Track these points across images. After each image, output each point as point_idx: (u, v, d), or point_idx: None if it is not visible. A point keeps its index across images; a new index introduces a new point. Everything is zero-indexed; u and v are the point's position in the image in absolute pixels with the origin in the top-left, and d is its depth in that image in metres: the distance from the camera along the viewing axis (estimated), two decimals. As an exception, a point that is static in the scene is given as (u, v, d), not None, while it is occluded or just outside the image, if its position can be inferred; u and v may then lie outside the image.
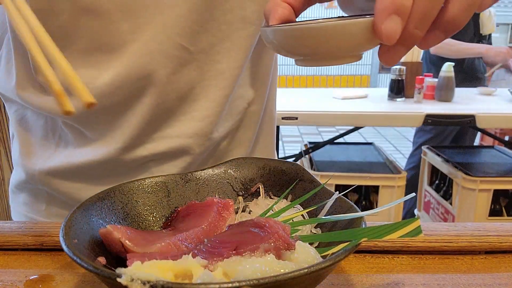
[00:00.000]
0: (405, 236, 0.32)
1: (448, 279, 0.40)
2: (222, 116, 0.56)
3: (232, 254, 0.31)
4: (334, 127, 4.15)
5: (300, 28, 0.32)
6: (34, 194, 0.60)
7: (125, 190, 0.42)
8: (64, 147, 0.57)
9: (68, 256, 0.30)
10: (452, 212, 2.08)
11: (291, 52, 0.35)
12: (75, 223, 0.34)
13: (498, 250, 0.45)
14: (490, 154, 2.34)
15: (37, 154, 0.58)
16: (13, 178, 0.63)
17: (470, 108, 2.01)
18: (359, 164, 2.22)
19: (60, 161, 0.56)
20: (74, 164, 0.55)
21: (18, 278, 0.40)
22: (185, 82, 0.52)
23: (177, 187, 0.46)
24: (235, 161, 0.49)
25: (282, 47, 0.35)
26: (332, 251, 0.34)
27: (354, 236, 0.34)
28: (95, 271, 0.28)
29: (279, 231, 0.33)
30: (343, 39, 0.31)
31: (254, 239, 0.33)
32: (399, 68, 2.19)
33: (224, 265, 0.30)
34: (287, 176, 0.47)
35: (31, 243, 0.45)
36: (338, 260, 0.29)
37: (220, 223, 0.40)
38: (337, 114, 1.98)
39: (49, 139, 0.57)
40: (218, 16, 0.50)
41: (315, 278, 0.30)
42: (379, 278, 0.41)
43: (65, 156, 0.56)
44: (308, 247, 0.33)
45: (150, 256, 0.32)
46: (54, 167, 0.56)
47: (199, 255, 0.32)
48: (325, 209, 0.41)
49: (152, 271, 0.29)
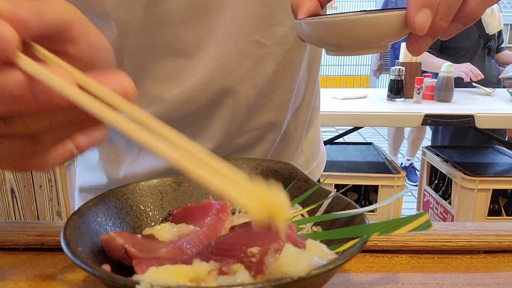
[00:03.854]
0: (415, 230, 0.33)
1: (447, 278, 0.41)
2: (292, 101, 0.58)
3: (246, 256, 0.30)
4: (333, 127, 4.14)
5: (336, 21, 0.35)
6: None
7: (119, 194, 0.41)
8: (147, 151, 0.57)
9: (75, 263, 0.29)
10: (451, 212, 2.08)
11: (325, 42, 0.37)
12: (75, 231, 0.34)
13: (497, 250, 0.45)
14: (489, 154, 2.34)
15: (121, 159, 0.58)
16: (83, 180, 0.64)
17: (469, 108, 2.01)
18: (359, 164, 2.22)
19: (145, 164, 0.56)
20: (160, 168, 0.55)
21: (19, 278, 0.40)
22: (262, 76, 0.53)
23: (170, 190, 0.45)
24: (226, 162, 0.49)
25: (317, 38, 0.37)
26: (343, 248, 0.33)
27: (363, 232, 0.34)
28: (112, 280, 0.27)
29: (287, 230, 0.32)
30: (377, 30, 0.34)
31: (263, 240, 0.32)
32: (398, 69, 2.20)
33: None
34: (280, 176, 0.47)
35: (32, 243, 0.45)
36: (354, 255, 0.30)
37: (219, 225, 0.40)
38: (337, 114, 1.98)
39: (131, 143, 0.58)
40: (288, 4, 0.51)
41: (332, 274, 0.30)
42: (379, 277, 0.41)
43: (151, 159, 0.56)
44: (320, 244, 0.32)
45: (157, 261, 0.31)
46: (140, 170, 0.56)
47: (212, 259, 0.31)
48: (323, 207, 0.41)
49: (168, 277, 0.28)
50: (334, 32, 0.35)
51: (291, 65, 0.54)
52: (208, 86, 0.51)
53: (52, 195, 1.62)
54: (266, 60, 0.52)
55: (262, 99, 0.55)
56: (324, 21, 0.35)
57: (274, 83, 0.54)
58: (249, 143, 0.57)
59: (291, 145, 0.63)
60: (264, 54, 0.51)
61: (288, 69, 0.54)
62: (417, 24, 0.32)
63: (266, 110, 0.56)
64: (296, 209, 0.44)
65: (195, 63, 0.50)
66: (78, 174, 0.66)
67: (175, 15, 0.47)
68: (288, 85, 0.56)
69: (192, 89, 0.50)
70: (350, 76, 6.36)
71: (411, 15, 0.33)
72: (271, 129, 0.57)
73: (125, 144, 0.58)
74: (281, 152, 0.62)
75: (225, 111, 0.53)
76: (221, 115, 0.53)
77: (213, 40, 0.49)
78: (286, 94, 0.56)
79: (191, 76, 0.50)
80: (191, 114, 0.53)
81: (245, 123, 0.55)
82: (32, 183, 1.60)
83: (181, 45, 0.49)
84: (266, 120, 0.56)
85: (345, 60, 6.22)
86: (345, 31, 0.35)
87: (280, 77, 0.54)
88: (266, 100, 0.55)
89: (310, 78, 0.61)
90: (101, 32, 0.30)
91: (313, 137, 0.68)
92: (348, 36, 0.35)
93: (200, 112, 0.53)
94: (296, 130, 0.62)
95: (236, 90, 0.52)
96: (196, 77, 0.50)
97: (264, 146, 0.59)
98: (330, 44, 0.37)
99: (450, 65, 2.20)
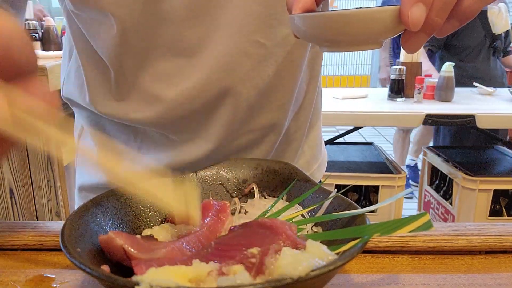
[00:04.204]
0: (416, 231, 0.33)
1: (448, 279, 0.40)
2: (293, 102, 0.57)
3: (246, 257, 0.30)
4: (334, 127, 4.14)
5: (330, 16, 0.34)
6: None
7: (118, 195, 0.41)
8: (147, 149, 0.57)
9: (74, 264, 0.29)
10: (452, 212, 2.08)
11: (319, 38, 0.37)
12: (73, 231, 0.33)
13: (498, 250, 0.45)
14: (490, 154, 2.34)
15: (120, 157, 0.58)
16: (83, 180, 0.64)
17: (470, 108, 2.01)
18: (359, 164, 2.22)
19: (146, 163, 0.56)
20: (162, 166, 0.55)
21: (18, 278, 0.40)
22: (262, 77, 0.52)
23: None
24: (226, 162, 0.48)
25: (311, 34, 0.37)
26: (343, 248, 0.33)
27: (363, 232, 0.34)
28: (111, 281, 0.27)
29: (287, 231, 0.32)
30: (371, 25, 0.34)
31: (263, 240, 0.32)
32: (399, 68, 2.19)
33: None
34: (280, 176, 0.47)
35: (31, 243, 0.45)
36: (355, 255, 0.29)
37: (219, 225, 0.39)
38: (337, 114, 1.98)
39: (130, 142, 0.58)
40: None
41: (332, 275, 0.30)
42: (379, 278, 0.40)
43: (150, 159, 0.56)
44: (320, 245, 0.32)
45: (157, 262, 0.31)
46: (141, 170, 0.56)
47: (212, 259, 0.31)
48: (323, 208, 0.41)
49: (168, 277, 0.28)
50: (327, 27, 0.35)
51: (292, 66, 0.54)
52: (209, 86, 0.50)
53: (51, 195, 1.62)
54: (266, 60, 0.52)
55: (263, 99, 0.54)
56: (317, 15, 0.35)
57: (275, 84, 0.54)
58: (249, 144, 0.57)
59: (292, 146, 0.63)
60: (264, 54, 0.51)
61: (289, 70, 0.54)
62: (411, 19, 0.32)
63: (266, 111, 0.55)
64: (296, 209, 0.43)
65: (196, 62, 0.50)
66: (78, 173, 0.66)
67: (175, 14, 0.47)
68: (289, 86, 0.55)
69: (192, 88, 0.50)
70: (351, 76, 6.36)
71: (405, 10, 0.32)
72: (272, 130, 0.57)
73: (125, 142, 0.58)
74: (282, 153, 0.62)
75: (225, 112, 0.53)
76: (221, 116, 0.53)
77: (213, 39, 0.49)
78: (287, 95, 0.56)
79: (192, 75, 0.50)
80: (191, 114, 0.52)
81: (245, 124, 0.55)
82: (31, 184, 1.60)
83: (182, 44, 0.49)
84: (267, 121, 0.56)
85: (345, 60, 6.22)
86: (338, 26, 0.35)
87: (281, 78, 0.54)
88: (266, 101, 0.55)
89: (312, 79, 0.61)
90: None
91: (314, 139, 0.68)
92: (341, 31, 0.35)
93: (200, 112, 0.53)
94: (297, 131, 0.62)
95: (236, 91, 0.52)
96: (197, 77, 0.50)
97: (264, 147, 0.58)
98: (324, 39, 0.37)
99: (451, 65, 2.20)
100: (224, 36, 0.49)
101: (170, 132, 0.55)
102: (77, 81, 0.56)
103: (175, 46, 0.49)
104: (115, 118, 0.54)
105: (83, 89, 0.55)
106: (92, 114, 0.58)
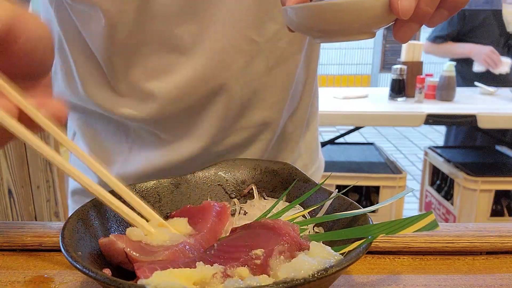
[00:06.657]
0: (421, 230, 0.32)
1: (449, 279, 0.40)
2: (287, 101, 0.57)
3: (250, 258, 0.30)
4: (334, 127, 4.14)
5: (321, 5, 0.35)
6: None
7: (116, 197, 0.40)
8: (138, 150, 0.57)
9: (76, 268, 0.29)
10: (453, 213, 2.08)
11: (311, 29, 0.38)
12: (73, 234, 0.33)
13: (499, 251, 0.45)
14: (491, 154, 2.33)
15: (111, 159, 0.58)
16: (76, 183, 0.63)
17: (471, 108, 2.01)
18: (360, 164, 2.22)
19: (138, 163, 0.56)
20: (154, 166, 0.55)
21: (17, 279, 0.40)
22: (254, 74, 0.52)
23: (168, 192, 0.44)
24: (224, 162, 0.48)
25: (303, 24, 0.38)
26: (347, 249, 0.33)
27: (368, 232, 0.34)
28: (117, 284, 0.26)
29: (290, 231, 0.32)
30: (362, 15, 0.35)
31: (267, 242, 0.31)
32: (400, 68, 2.19)
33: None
34: (279, 177, 0.47)
35: (29, 244, 0.45)
36: (361, 256, 0.29)
37: (219, 227, 0.39)
38: (338, 114, 1.98)
39: (122, 143, 0.57)
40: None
41: (338, 275, 0.29)
42: (380, 278, 0.40)
43: (142, 158, 0.56)
44: (324, 246, 0.32)
45: (159, 264, 0.30)
46: (132, 171, 0.56)
47: (216, 261, 0.30)
48: (324, 208, 0.41)
49: (173, 280, 0.28)
50: (319, 18, 0.36)
51: (285, 64, 0.54)
52: (201, 82, 0.50)
53: (49, 195, 1.62)
54: (258, 57, 0.52)
55: (255, 97, 0.54)
56: (309, 6, 0.36)
57: (267, 81, 0.54)
58: (242, 142, 0.57)
59: (288, 147, 0.62)
60: (256, 50, 0.51)
61: (282, 68, 0.54)
62: (401, 8, 0.33)
63: (259, 108, 0.55)
64: (297, 210, 0.43)
65: (188, 58, 0.49)
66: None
67: (168, 10, 0.47)
68: (283, 84, 0.55)
69: (185, 85, 0.50)
70: (351, 76, 6.36)
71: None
72: (265, 128, 0.57)
73: (116, 143, 0.57)
74: (278, 153, 0.62)
75: (217, 108, 0.52)
76: (213, 113, 0.53)
77: (206, 36, 0.49)
78: (280, 93, 0.55)
79: (184, 71, 0.50)
80: (183, 111, 0.52)
81: (238, 121, 0.55)
82: (30, 184, 1.60)
83: (175, 40, 0.49)
84: (260, 118, 0.56)
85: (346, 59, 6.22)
86: (330, 16, 0.35)
87: (274, 76, 0.54)
88: (259, 98, 0.54)
89: (308, 79, 0.61)
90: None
91: (311, 140, 0.68)
92: (333, 21, 0.35)
93: (193, 109, 0.52)
94: (293, 131, 0.62)
95: (229, 87, 0.51)
96: (189, 73, 0.50)
97: (258, 146, 0.58)
98: (316, 30, 0.38)
99: (452, 64, 2.20)
100: (217, 32, 0.49)
101: (162, 130, 0.54)
102: (66, 77, 0.55)
103: (167, 42, 0.49)
104: (108, 110, 0.54)
105: (72, 84, 0.54)
106: (83, 115, 0.58)
